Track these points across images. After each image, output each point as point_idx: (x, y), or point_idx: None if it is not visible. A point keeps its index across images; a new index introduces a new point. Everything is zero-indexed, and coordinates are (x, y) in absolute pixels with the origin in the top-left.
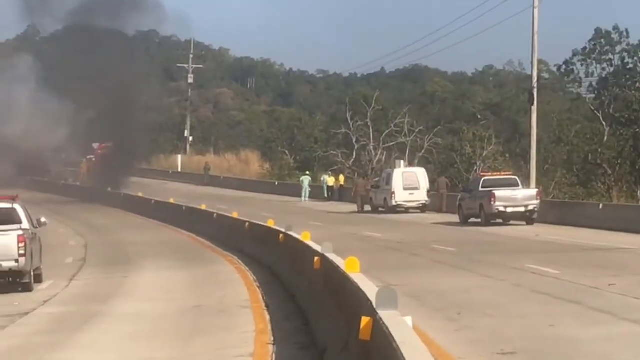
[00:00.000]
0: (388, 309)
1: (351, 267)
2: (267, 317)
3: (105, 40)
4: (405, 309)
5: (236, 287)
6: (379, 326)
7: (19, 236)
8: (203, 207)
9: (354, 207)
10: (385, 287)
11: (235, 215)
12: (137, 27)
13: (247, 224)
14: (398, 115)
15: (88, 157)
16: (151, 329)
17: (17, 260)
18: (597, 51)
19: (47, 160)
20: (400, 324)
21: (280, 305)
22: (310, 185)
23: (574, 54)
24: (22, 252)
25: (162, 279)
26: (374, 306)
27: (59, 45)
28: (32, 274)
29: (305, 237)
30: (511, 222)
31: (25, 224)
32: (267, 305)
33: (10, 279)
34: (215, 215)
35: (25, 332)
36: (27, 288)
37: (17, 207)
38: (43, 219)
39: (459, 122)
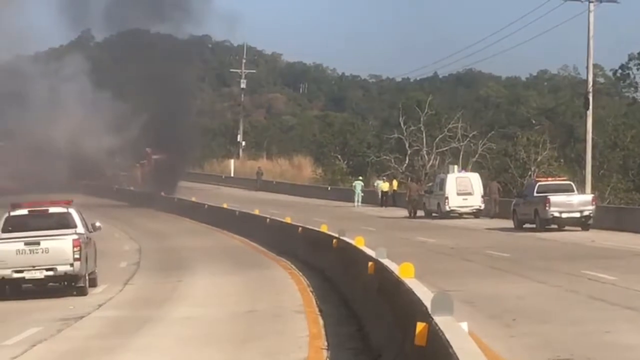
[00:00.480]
0: (443, 315)
1: (405, 272)
2: (321, 322)
3: (158, 45)
4: (460, 315)
5: (290, 292)
6: (434, 332)
7: (74, 240)
8: (256, 212)
9: (406, 212)
10: (440, 293)
11: (288, 220)
12: (190, 32)
13: (300, 228)
14: (451, 120)
15: (141, 161)
16: (205, 333)
17: (72, 265)
18: None
19: (101, 165)
20: (456, 330)
21: (334, 310)
22: (362, 190)
23: (630, 59)
24: (77, 256)
25: (216, 284)
26: (429, 312)
27: (112, 50)
28: (87, 278)
29: (359, 242)
30: (566, 227)
31: (80, 229)
32: (320, 310)
33: (66, 283)
34: (268, 220)
35: (81, 336)
36: (82, 292)
37: (72, 211)
38: (98, 224)
39: (512, 127)
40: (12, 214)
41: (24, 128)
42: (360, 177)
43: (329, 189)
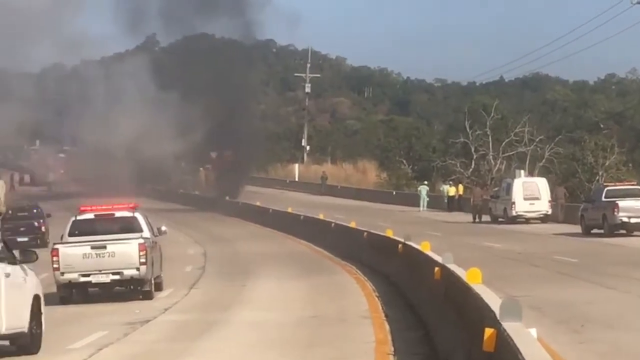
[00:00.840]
0: (512, 321)
1: (473, 277)
2: (387, 327)
3: (223, 49)
4: (528, 321)
5: (355, 296)
6: (503, 338)
7: (139, 245)
8: (321, 216)
9: (471, 218)
10: (509, 299)
11: (353, 224)
12: (255, 36)
13: (365, 233)
14: (518, 124)
15: (206, 165)
16: (271, 337)
17: (138, 269)
18: None
19: (166, 169)
20: (525, 336)
21: (400, 315)
22: (428, 195)
23: None
24: (143, 260)
25: (281, 288)
26: (498, 317)
27: (177, 55)
28: (152, 282)
29: (425, 247)
30: (635, 233)
31: (146, 233)
32: (386, 315)
33: (132, 287)
34: (333, 224)
35: (147, 340)
36: (148, 296)
37: (138, 215)
38: (163, 228)
39: (580, 131)
40: (79, 218)
41: (89, 132)
42: (426, 182)
43: (394, 193)
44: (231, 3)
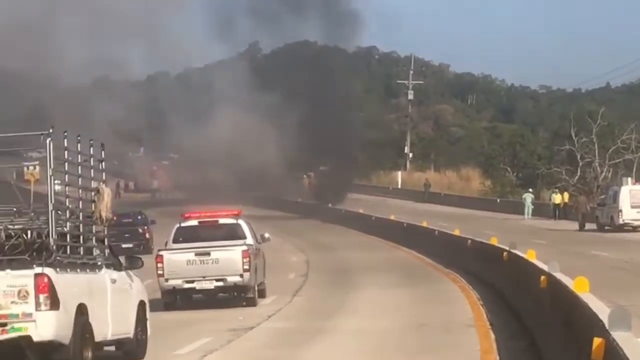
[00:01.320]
0: (621, 330)
1: (580, 286)
2: (492, 336)
3: (325, 56)
4: (637, 331)
5: (460, 305)
6: (612, 348)
7: (243, 251)
8: (424, 224)
9: (577, 226)
10: (618, 308)
11: (456, 232)
12: (357, 44)
13: (469, 241)
14: (625, 131)
15: (309, 173)
16: (375, 345)
17: (241, 275)
18: None
19: (269, 176)
20: (635, 346)
21: (505, 324)
22: (532, 203)
23: None
24: (246, 267)
25: (385, 296)
26: (607, 327)
27: (279, 62)
28: (256, 288)
29: (530, 256)
30: None
31: (250, 240)
32: (491, 324)
33: (235, 294)
34: (436, 232)
35: (251, 347)
36: (252, 303)
37: (241, 222)
38: (267, 235)
39: None
40: (183, 224)
41: (192, 140)
42: (530, 190)
43: (498, 201)
44: (330, 9)
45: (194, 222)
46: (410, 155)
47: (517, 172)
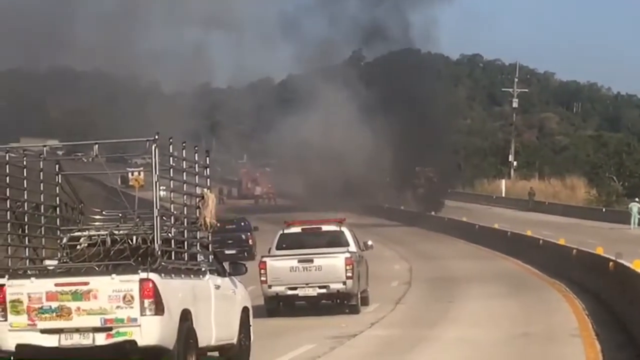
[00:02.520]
0: None
1: None
2: (598, 346)
3: (428, 64)
4: None
5: (564, 315)
6: None
7: (346, 259)
8: (528, 233)
9: None
10: None
11: (561, 241)
12: (461, 51)
13: (574, 250)
14: None
15: (413, 180)
16: (478, 355)
17: (344, 283)
18: None
19: (372, 184)
20: None
21: (611, 335)
22: (639, 212)
23: None
24: (349, 274)
25: (489, 306)
26: None
27: (383, 70)
28: (359, 296)
29: (637, 266)
30: None
31: (352, 247)
32: (597, 334)
33: (338, 301)
34: (540, 241)
35: (354, 354)
36: (354, 310)
37: (345, 229)
38: (370, 242)
39: None
40: (286, 231)
41: (294, 146)
42: (637, 199)
43: (604, 210)
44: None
45: (297, 229)
46: (515, 163)
47: (623, 182)
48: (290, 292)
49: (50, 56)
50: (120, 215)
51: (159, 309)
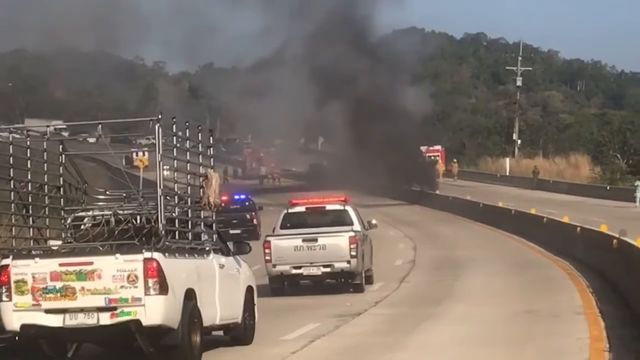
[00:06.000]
0: None
1: None
2: (602, 323)
3: (431, 42)
4: None
5: (568, 292)
6: None
7: (350, 238)
8: (532, 211)
9: None
10: None
11: (565, 219)
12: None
13: (578, 228)
14: None
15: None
16: (483, 332)
17: (348, 262)
18: None
19: (376, 162)
20: None
21: (615, 312)
22: None
23: None
24: (353, 253)
25: (492, 283)
26: None
27: (386, 48)
28: (363, 275)
29: None
30: None
31: (357, 226)
32: (601, 312)
33: (342, 280)
34: (545, 219)
35: (359, 332)
36: (359, 289)
37: (349, 208)
38: (374, 221)
39: None
40: (290, 210)
41: (297, 126)
42: None
43: (608, 188)
44: None
45: (302, 208)
46: (519, 142)
47: (628, 159)
48: (294, 271)
49: (58, 36)
50: (124, 195)
51: (163, 288)
